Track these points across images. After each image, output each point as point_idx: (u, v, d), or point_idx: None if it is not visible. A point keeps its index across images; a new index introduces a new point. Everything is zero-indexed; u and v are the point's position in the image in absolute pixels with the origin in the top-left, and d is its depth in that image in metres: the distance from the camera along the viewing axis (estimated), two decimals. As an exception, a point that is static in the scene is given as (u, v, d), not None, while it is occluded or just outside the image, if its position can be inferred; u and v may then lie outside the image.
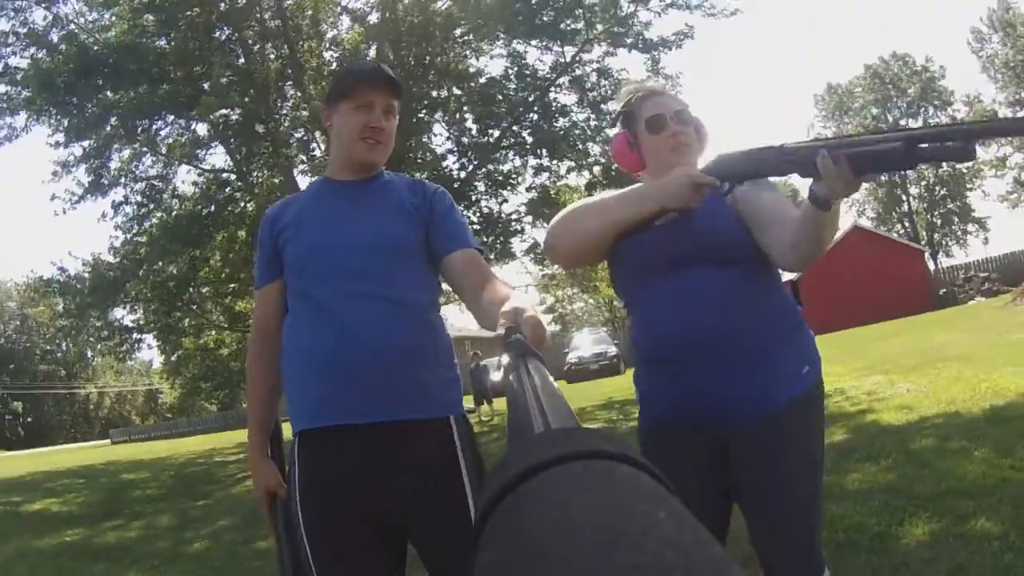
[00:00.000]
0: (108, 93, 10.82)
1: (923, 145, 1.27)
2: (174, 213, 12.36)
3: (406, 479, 1.63)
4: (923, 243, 37.46)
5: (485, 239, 13.66)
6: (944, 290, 24.77)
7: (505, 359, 0.82)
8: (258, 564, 4.47)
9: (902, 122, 40.24)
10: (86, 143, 11.30)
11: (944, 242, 40.69)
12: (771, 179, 1.74)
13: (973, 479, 3.66)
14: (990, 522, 3.03)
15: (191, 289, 13.02)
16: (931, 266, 30.13)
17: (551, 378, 0.65)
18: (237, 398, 37.42)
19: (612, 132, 1.97)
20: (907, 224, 40.71)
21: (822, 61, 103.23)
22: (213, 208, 12.30)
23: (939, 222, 40.54)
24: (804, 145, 1.43)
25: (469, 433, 1.75)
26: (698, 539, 0.29)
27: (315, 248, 1.72)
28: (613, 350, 23.58)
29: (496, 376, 20.61)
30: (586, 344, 24.85)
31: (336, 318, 1.64)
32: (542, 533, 0.30)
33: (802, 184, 1.51)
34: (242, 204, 12.36)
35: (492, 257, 14.13)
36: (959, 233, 40.88)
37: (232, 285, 13.43)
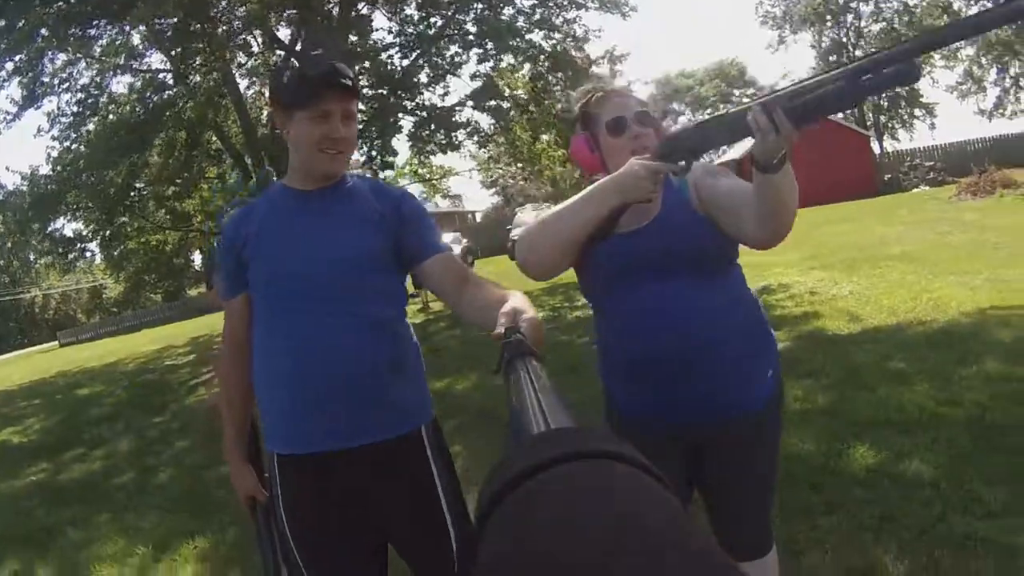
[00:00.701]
0: (37, 8, 10.09)
1: (866, 76, 1.23)
2: (111, 119, 11.81)
3: (382, 497, 1.70)
4: (869, 125, 37.73)
5: (429, 132, 13.49)
6: (889, 176, 24.96)
7: (505, 359, 0.83)
8: (222, 494, 4.55)
9: (852, 5, 39.54)
10: (17, 57, 10.62)
11: (891, 125, 40.97)
12: (729, 162, 1.72)
13: (910, 412, 3.82)
14: (924, 464, 3.20)
15: (132, 193, 12.63)
16: (876, 150, 30.40)
17: (549, 378, 0.67)
18: (182, 287, 37.09)
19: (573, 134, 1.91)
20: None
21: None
22: (151, 108, 11.77)
23: (886, 105, 40.67)
24: (745, 105, 1.39)
25: (438, 437, 1.79)
26: (698, 538, 0.29)
27: (280, 269, 1.68)
28: None
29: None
30: (529, 220, 24.46)
31: (306, 344, 1.63)
32: (543, 533, 0.30)
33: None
34: (180, 104, 11.84)
35: (435, 148, 14.03)
36: (906, 117, 41.16)
37: (173, 188, 13.14)
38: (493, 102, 13.70)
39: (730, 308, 1.70)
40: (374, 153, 12.84)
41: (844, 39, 39.93)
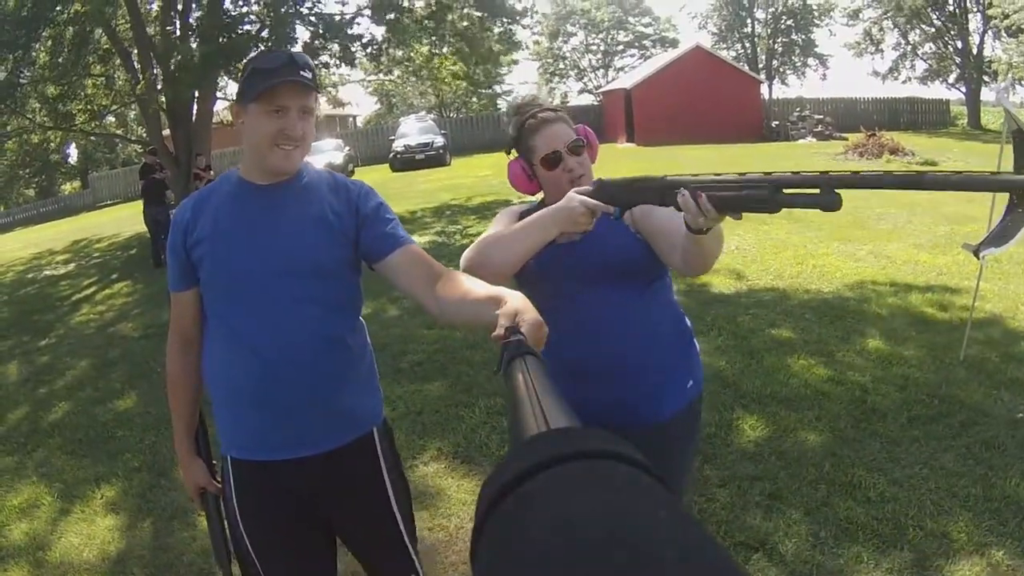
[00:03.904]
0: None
1: (788, 191, 1.31)
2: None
3: (336, 498, 1.79)
4: (761, 67, 38.64)
5: (325, 42, 13.08)
6: (776, 123, 25.51)
7: (505, 359, 0.83)
8: (121, 434, 4.51)
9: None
10: None
11: (782, 70, 42.01)
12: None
13: (795, 387, 4.14)
14: (809, 441, 3.52)
15: (15, 92, 11.70)
16: (766, 95, 31.20)
17: (550, 377, 0.68)
18: (55, 184, 34.83)
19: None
20: (747, 45, 41.52)
21: None
22: (39, 2, 10.83)
23: (780, 49, 41.59)
24: (680, 179, 1.48)
25: (389, 438, 1.88)
26: (698, 537, 0.30)
27: (236, 274, 1.67)
28: (440, 140, 23.39)
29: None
30: (413, 132, 24.20)
31: (262, 352, 1.64)
32: (543, 533, 0.30)
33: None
34: (71, 1, 10.96)
35: (334, 62, 13.63)
36: (798, 65, 42.27)
37: (58, 88, 12.27)
38: (391, 15, 13.35)
39: (657, 318, 1.87)
40: None
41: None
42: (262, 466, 1.72)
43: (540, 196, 2.00)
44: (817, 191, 1.25)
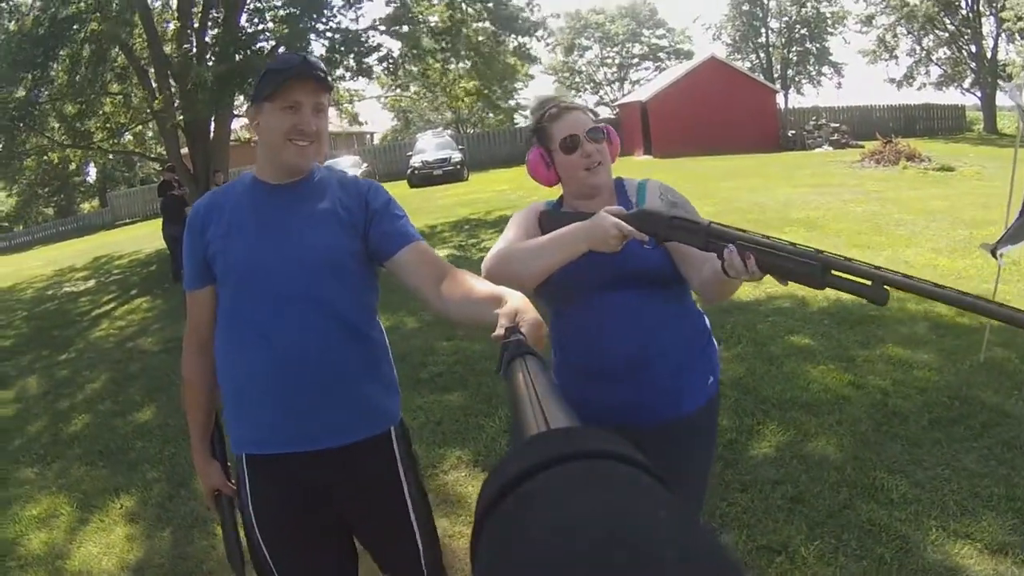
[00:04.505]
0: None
1: (837, 273, 1.33)
2: (12, 28, 10.99)
3: (349, 496, 1.77)
4: (777, 77, 38.54)
5: (340, 56, 13.18)
6: (792, 132, 25.42)
7: (505, 360, 0.83)
8: (141, 445, 4.53)
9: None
10: None
11: (797, 79, 41.93)
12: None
13: (816, 392, 4.09)
14: (830, 446, 3.48)
15: (34, 111, 11.86)
16: (782, 104, 31.13)
17: (552, 377, 0.68)
18: (73, 202, 35.23)
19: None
20: (762, 55, 41.48)
21: None
22: (56, 21, 10.98)
23: (795, 59, 41.52)
24: (727, 232, 1.50)
25: (406, 438, 1.86)
26: (698, 537, 0.30)
27: (251, 268, 1.67)
28: (457, 156, 23.35)
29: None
30: (430, 147, 24.21)
31: (277, 344, 1.64)
32: (543, 533, 0.30)
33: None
34: (87, 18, 11.11)
35: (349, 75, 13.73)
36: (813, 74, 42.16)
37: (76, 106, 12.44)
38: (405, 28, 13.46)
39: (676, 318, 1.87)
40: None
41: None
42: (277, 460, 1.71)
43: (559, 192, 2.00)
44: (869, 283, 1.29)
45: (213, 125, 12.57)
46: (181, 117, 11.95)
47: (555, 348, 1.96)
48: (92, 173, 35.24)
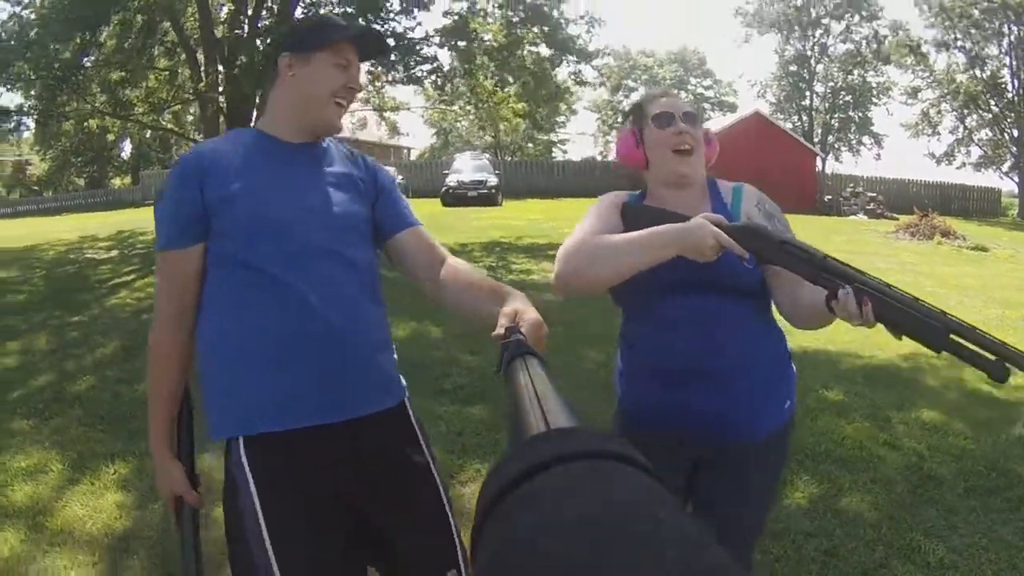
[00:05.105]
0: None
1: (958, 339, 1.30)
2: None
3: (377, 473, 1.57)
4: (816, 141, 38.56)
5: (392, 60, 13.22)
6: (829, 197, 25.39)
7: (505, 359, 0.83)
8: (143, 415, 4.36)
9: (824, 21, 40.08)
10: None
11: (836, 146, 41.96)
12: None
13: (850, 448, 3.92)
14: (865, 503, 3.30)
15: (79, 74, 11.90)
16: (820, 168, 31.13)
17: (552, 377, 0.68)
18: (105, 175, 35.52)
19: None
20: (805, 118, 41.54)
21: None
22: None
23: (837, 125, 41.58)
24: (844, 271, 1.43)
25: (416, 413, 1.72)
26: (698, 538, 0.29)
27: (270, 221, 1.50)
28: (493, 180, 23.03)
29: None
30: (467, 168, 23.83)
31: (305, 304, 1.47)
32: (542, 533, 0.30)
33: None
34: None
35: (397, 78, 13.76)
36: (853, 142, 42.21)
37: (121, 73, 12.48)
38: (462, 43, 13.48)
39: (764, 333, 1.76)
40: None
41: (808, 52, 40.60)
42: (296, 436, 1.48)
43: (643, 182, 1.89)
44: (991, 356, 1.27)
45: (255, 113, 12.59)
46: (223, 100, 11.95)
47: (625, 348, 1.85)
48: (127, 150, 35.59)
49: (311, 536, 1.47)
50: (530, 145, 44.01)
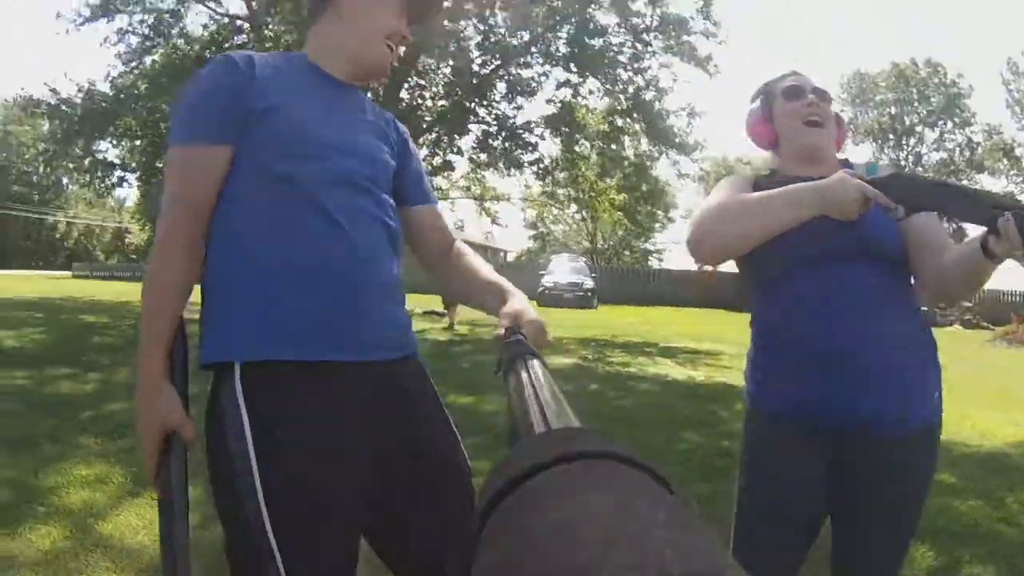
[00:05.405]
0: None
1: None
2: (180, 52, 11.78)
3: (397, 421, 1.37)
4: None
5: (495, 144, 13.42)
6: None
7: (506, 360, 0.83)
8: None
9: (918, 129, 39.89)
10: None
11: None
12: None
13: (966, 524, 3.63)
14: (987, 572, 3.05)
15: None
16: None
17: (552, 378, 0.66)
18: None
19: (750, 106, 1.85)
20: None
21: (849, 46, 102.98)
22: (223, 50, 11.78)
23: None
24: (1006, 201, 1.32)
25: None
26: (698, 539, 0.28)
27: (320, 145, 1.34)
28: (589, 283, 22.98)
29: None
30: (563, 271, 23.92)
31: (342, 233, 1.31)
32: (542, 533, 0.29)
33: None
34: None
35: (497, 161, 13.92)
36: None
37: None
38: (566, 129, 13.67)
39: (913, 310, 1.61)
40: (437, 150, 12.79)
41: (902, 161, 40.15)
42: (319, 368, 1.27)
43: (771, 162, 1.84)
44: None
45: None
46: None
47: (758, 334, 1.68)
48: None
49: (318, 490, 1.24)
50: (627, 253, 44.38)
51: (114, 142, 12.45)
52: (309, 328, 1.28)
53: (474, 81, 12.77)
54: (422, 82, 13.50)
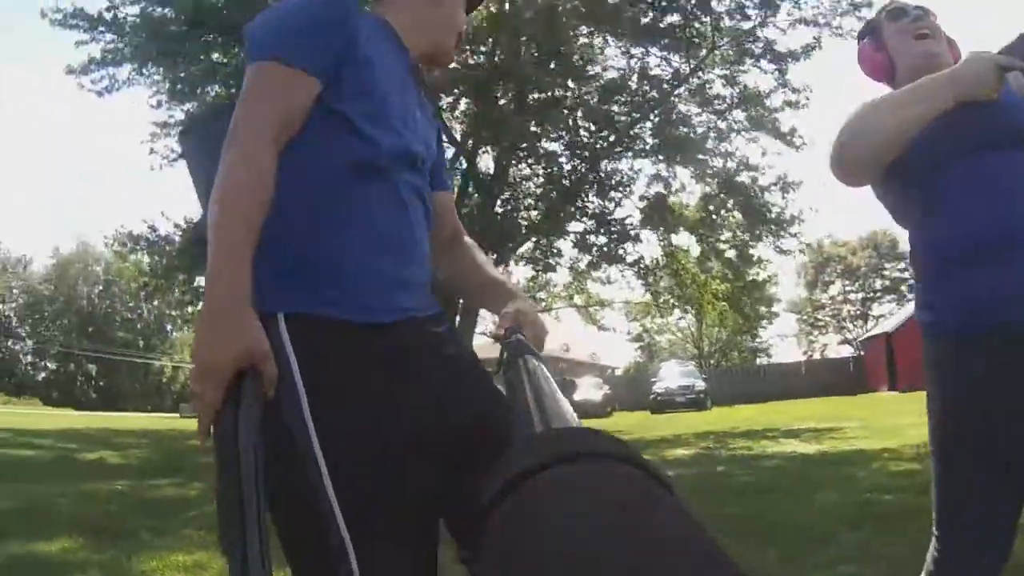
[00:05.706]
0: (215, 56, 10.75)
1: None
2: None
3: (459, 379, 1.22)
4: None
5: (596, 240, 13.26)
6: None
7: (506, 359, 0.88)
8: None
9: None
10: (187, 106, 11.20)
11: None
12: None
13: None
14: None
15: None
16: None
17: (552, 378, 0.68)
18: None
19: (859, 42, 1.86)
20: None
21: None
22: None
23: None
24: None
25: None
26: (696, 537, 0.28)
27: (395, 116, 1.25)
28: (701, 384, 23.15)
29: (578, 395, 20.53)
30: (673, 376, 24.47)
31: (402, 201, 1.25)
32: (543, 531, 0.29)
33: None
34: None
35: (600, 260, 13.71)
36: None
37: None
38: (661, 219, 13.63)
39: None
40: (537, 253, 12.75)
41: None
42: (387, 333, 1.15)
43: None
44: None
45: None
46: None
47: (924, 250, 1.61)
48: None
49: (398, 466, 1.04)
50: (734, 354, 43.77)
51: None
52: (386, 287, 1.20)
53: (565, 183, 12.83)
54: (517, 192, 13.69)
